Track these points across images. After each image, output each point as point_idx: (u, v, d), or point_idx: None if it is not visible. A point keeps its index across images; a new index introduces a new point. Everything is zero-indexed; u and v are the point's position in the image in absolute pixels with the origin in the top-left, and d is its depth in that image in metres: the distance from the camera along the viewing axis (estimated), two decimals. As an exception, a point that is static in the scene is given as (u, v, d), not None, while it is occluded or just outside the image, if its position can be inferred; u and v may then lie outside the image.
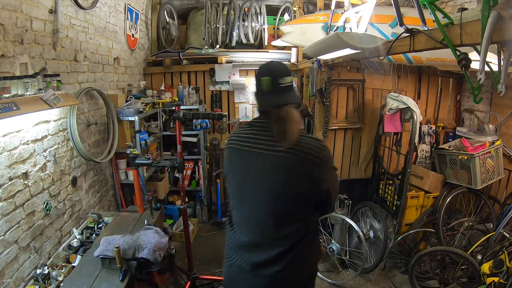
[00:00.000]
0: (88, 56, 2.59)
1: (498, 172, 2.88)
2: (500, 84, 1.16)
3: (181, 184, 2.51)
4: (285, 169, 1.21)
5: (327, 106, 3.05)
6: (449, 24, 1.32)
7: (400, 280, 2.87)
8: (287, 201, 1.24)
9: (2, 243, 1.66)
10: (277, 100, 1.25)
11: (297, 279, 1.32)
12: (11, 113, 1.52)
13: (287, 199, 1.24)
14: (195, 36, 4.48)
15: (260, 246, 1.28)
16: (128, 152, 2.39)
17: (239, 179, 1.32)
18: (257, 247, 1.28)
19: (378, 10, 2.41)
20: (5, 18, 1.68)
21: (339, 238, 3.01)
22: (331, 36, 2.02)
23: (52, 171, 2.10)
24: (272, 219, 1.26)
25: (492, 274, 2.06)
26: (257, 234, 1.28)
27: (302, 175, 1.21)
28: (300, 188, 1.22)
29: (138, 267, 1.79)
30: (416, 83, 3.48)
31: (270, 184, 1.23)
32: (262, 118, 1.31)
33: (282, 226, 1.26)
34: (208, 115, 2.53)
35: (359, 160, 3.45)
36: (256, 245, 1.28)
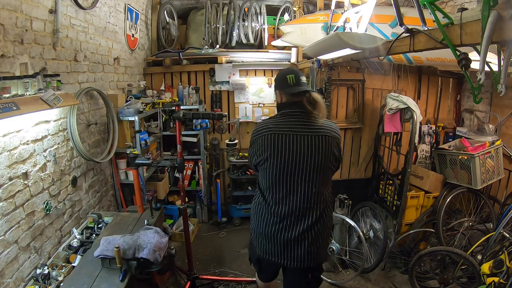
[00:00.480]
0: (88, 56, 2.59)
1: (498, 172, 2.88)
2: (500, 84, 1.16)
3: (181, 184, 2.51)
4: (322, 145, 1.61)
5: (327, 106, 3.04)
6: (449, 24, 1.32)
7: (400, 280, 2.87)
8: (325, 170, 1.65)
9: (2, 243, 1.66)
10: (305, 88, 1.65)
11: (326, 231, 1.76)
12: (11, 113, 1.52)
13: (325, 169, 1.65)
14: (195, 36, 4.48)
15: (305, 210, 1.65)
16: (128, 152, 2.40)
17: (286, 159, 1.60)
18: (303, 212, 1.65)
19: (378, 10, 2.41)
20: (5, 18, 1.68)
21: (339, 238, 3.01)
22: (331, 36, 2.02)
23: (52, 171, 2.10)
24: (315, 187, 1.64)
25: (492, 274, 2.06)
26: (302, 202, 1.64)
27: (332, 148, 1.64)
28: (332, 158, 1.65)
29: (138, 267, 1.79)
30: (416, 83, 3.48)
31: (313, 159, 1.60)
32: (292, 108, 1.66)
33: (321, 191, 1.67)
34: (208, 115, 2.53)
35: (359, 160, 3.45)
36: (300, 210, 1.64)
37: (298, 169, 1.61)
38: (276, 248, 1.71)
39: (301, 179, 1.62)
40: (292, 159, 1.60)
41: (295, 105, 1.65)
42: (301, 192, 1.63)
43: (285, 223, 1.66)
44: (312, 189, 1.63)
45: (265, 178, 1.69)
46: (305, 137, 1.60)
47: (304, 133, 1.60)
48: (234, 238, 3.62)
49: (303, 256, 1.68)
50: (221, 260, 3.20)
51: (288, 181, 1.63)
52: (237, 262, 3.19)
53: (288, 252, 1.69)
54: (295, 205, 1.64)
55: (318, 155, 1.61)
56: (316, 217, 1.66)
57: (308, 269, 1.76)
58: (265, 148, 1.63)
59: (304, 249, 1.67)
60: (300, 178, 1.62)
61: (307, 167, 1.61)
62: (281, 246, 1.69)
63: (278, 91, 1.73)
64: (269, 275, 2.04)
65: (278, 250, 1.71)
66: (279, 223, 1.67)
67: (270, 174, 1.65)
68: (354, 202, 3.10)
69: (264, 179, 1.69)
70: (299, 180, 1.62)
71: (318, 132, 1.61)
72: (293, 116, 1.64)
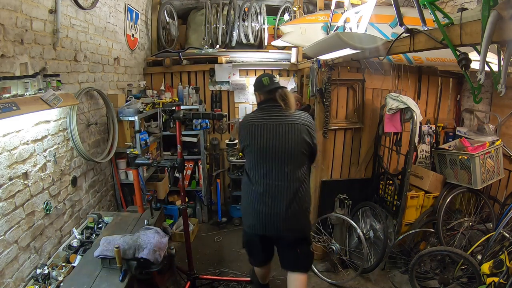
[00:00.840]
0: (88, 56, 2.59)
1: (498, 172, 2.88)
2: (500, 84, 1.16)
3: (181, 184, 2.51)
4: (292, 132, 1.94)
5: (327, 106, 3.05)
6: (449, 24, 1.32)
7: (400, 280, 2.87)
8: (297, 153, 1.96)
9: (2, 243, 1.66)
10: (277, 85, 2.03)
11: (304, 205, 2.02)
12: (11, 113, 1.52)
13: (297, 152, 1.96)
14: (195, 36, 4.48)
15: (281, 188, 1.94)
16: (128, 152, 2.40)
17: (262, 144, 1.94)
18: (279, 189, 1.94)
19: (378, 10, 2.41)
20: (5, 18, 1.68)
21: (339, 238, 3.01)
22: (331, 36, 2.02)
23: (52, 171, 2.11)
24: (290, 168, 1.95)
25: (492, 274, 2.06)
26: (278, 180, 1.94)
27: (302, 134, 1.95)
28: (304, 143, 1.97)
29: (138, 267, 1.79)
30: (416, 83, 3.48)
31: (285, 143, 1.93)
32: (267, 103, 2.02)
33: (295, 171, 1.96)
34: (208, 115, 2.53)
35: (359, 160, 3.45)
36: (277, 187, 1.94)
37: (273, 152, 1.94)
38: (259, 221, 2.00)
39: (276, 160, 1.95)
40: (267, 144, 1.94)
41: (270, 101, 2.02)
42: (276, 171, 1.95)
43: (264, 199, 1.97)
44: (285, 169, 1.95)
45: (248, 160, 2.06)
46: (278, 125, 1.95)
47: (277, 122, 1.95)
48: (234, 238, 3.61)
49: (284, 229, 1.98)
50: (221, 260, 3.20)
51: (265, 162, 1.96)
52: (237, 262, 3.19)
53: (269, 224, 1.98)
54: (272, 183, 1.96)
55: (290, 140, 1.94)
56: (292, 193, 1.96)
57: (294, 242, 2.07)
58: (247, 136, 2.00)
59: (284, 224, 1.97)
60: (275, 159, 1.95)
61: (280, 151, 1.94)
62: (263, 219, 1.98)
63: (256, 92, 2.14)
64: (258, 256, 2.24)
65: (261, 223, 2.00)
66: (260, 199, 1.97)
67: (251, 157, 2.01)
68: (354, 202, 3.10)
69: (248, 161, 2.06)
70: (274, 161, 1.95)
71: (289, 121, 1.96)
72: (268, 109, 2.01)
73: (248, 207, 2.05)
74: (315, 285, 2.89)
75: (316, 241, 3.20)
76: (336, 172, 3.43)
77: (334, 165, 3.40)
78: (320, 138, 3.18)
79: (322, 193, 3.30)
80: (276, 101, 1.99)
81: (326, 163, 3.33)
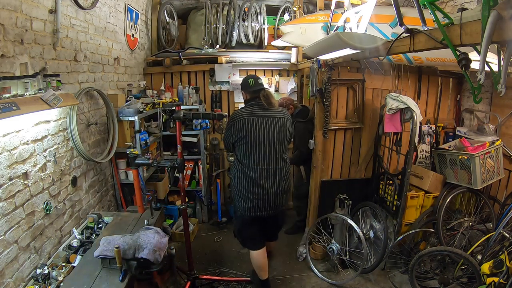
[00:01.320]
0: (88, 56, 2.59)
1: (498, 172, 2.88)
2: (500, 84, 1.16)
3: (181, 184, 2.51)
4: (279, 124, 2.36)
5: (327, 106, 3.05)
6: (449, 24, 1.32)
7: (400, 280, 2.87)
8: (283, 141, 2.40)
9: (2, 243, 1.66)
10: (261, 87, 2.40)
11: (289, 186, 2.51)
12: (11, 113, 1.52)
13: (283, 140, 2.40)
14: (195, 36, 4.48)
15: (273, 170, 2.36)
16: (128, 152, 2.39)
17: (256, 135, 2.29)
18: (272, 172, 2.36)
19: (378, 10, 2.41)
20: (5, 18, 1.68)
21: (339, 238, 3.01)
22: (331, 36, 2.02)
23: (52, 171, 2.11)
24: (278, 153, 2.37)
25: (492, 274, 2.06)
26: (270, 164, 2.35)
27: (287, 125, 2.42)
28: (288, 133, 2.43)
29: (138, 267, 1.79)
30: (416, 83, 3.48)
31: (274, 133, 2.33)
32: (254, 101, 2.39)
33: (283, 156, 2.41)
34: (208, 115, 2.54)
35: (359, 160, 3.45)
36: (270, 170, 2.35)
37: (265, 141, 2.31)
38: (258, 202, 2.35)
39: (268, 148, 2.32)
40: (260, 134, 2.30)
41: (256, 99, 2.38)
42: (269, 157, 2.34)
43: (261, 182, 2.33)
44: (276, 154, 2.36)
45: (242, 150, 2.34)
46: (268, 118, 2.33)
47: (265, 116, 2.33)
48: (234, 238, 3.61)
49: (277, 206, 2.43)
50: (221, 260, 3.20)
51: (259, 150, 2.32)
52: (237, 262, 3.20)
53: (267, 203, 2.37)
54: (266, 167, 2.34)
55: (277, 131, 2.34)
56: (282, 174, 2.40)
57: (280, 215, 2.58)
58: (241, 129, 2.29)
59: (277, 200, 2.41)
60: (267, 147, 2.32)
61: (271, 139, 2.32)
62: (261, 200, 2.35)
63: (243, 91, 2.49)
64: (256, 238, 2.54)
65: (259, 204, 2.36)
66: (257, 183, 2.33)
67: (246, 147, 2.31)
68: (354, 202, 3.10)
69: (242, 151, 2.35)
70: (267, 148, 2.32)
71: (274, 115, 2.36)
72: (256, 106, 2.36)
73: (245, 192, 2.37)
74: (315, 285, 2.89)
75: (316, 241, 3.20)
76: (336, 172, 3.43)
77: (334, 165, 3.40)
78: (320, 138, 3.18)
79: (322, 193, 3.30)
80: (261, 99, 2.36)
81: (326, 163, 3.33)
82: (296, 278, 2.97)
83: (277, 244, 3.49)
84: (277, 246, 3.48)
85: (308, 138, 3.28)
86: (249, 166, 2.33)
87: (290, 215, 3.66)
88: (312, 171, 3.30)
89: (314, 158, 3.24)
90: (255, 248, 2.52)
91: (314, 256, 3.19)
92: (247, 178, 2.35)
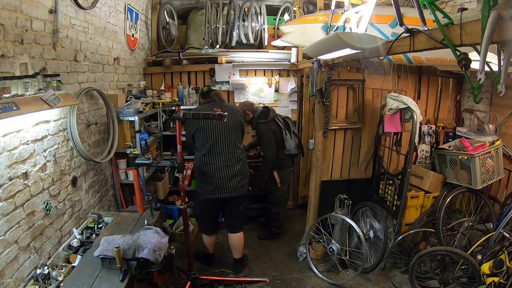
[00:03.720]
0: (88, 56, 2.59)
1: (498, 172, 2.88)
2: (500, 84, 1.16)
3: (181, 184, 2.51)
4: (233, 115, 2.77)
5: (327, 106, 3.05)
6: (449, 24, 1.33)
7: (400, 280, 2.88)
8: (236, 129, 2.80)
9: (2, 243, 1.66)
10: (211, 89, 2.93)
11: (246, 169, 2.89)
12: (11, 113, 1.52)
13: (236, 128, 2.80)
14: (195, 36, 4.48)
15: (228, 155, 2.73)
16: (128, 152, 2.39)
17: (208, 125, 2.70)
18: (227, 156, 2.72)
19: (378, 10, 2.41)
20: (5, 18, 1.68)
21: (339, 238, 3.01)
22: (331, 36, 2.02)
23: (52, 171, 2.10)
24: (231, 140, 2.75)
25: (492, 274, 2.06)
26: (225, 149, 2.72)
27: (237, 117, 2.83)
28: (239, 122, 2.85)
29: (138, 267, 1.79)
30: (416, 83, 3.48)
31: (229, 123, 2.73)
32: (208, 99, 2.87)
33: (236, 143, 2.79)
34: (208, 115, 2.53)
35: (359, 160, 3.45)
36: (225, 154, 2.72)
37: (220, 130, 2.71)
38: (219, 185, 2.69)
39: (223, 136, 2.71)
40: (212, 124, 2.69)
41: (208, 98, 2.87)
42: (224, 144, 2.72)
43: (219, 166, 2.69)
44: (229, 140, 2.73)
45: (200, 139, 2.72)
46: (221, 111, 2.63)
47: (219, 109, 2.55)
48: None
49: (235, 187, 2.73)
50: (221, 260, 3.20)
51: (215, 138, 2.70)
52: (237, 262, 3.19)
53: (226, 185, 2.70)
54: (223, 153, 2.71)
55: (230, 121, 2.72)
56: (237, 158, 2.76)
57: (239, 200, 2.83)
58: (197, 122, 2.69)
59: (235, 182, 2.73)
60: (222, 135, 2.71)
61: (225, 129, 2.72)
62: (221, 183, 2.69)
63: (200, 98, 3.05)
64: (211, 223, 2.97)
65: (219, 187, 2.69)
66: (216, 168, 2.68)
67: (203, 137, 2.71)
68: (354, 202, 3.10)
69: (199, 140, 2.73)
70: (222, 137, 2.71)
71: (225, 108, 2.65)
72: (209, 103, 2.81)
73: (206, 177, 2.71)
74: (315, 285, 2.89)
75: (316, 241, 3.20)
76: (336, 172, 3.43)
77: (334, 165, 3.40)
78: (320, 138, 3.18)
79: (322, 193, 3.30)
80: (213, 97, 2.84)
81: (326, 163, 3.33)
82: (296, 278, 2.97)
83: (277, 244, 3.51)
84: (277, 246, 3.49)
85: (273, 138, 3.25)
86: (206, 152, 2.69)
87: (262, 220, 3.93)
88: (312, 171, 3.30)
89: (314, 158, 3.24)
90: (208, 233, 2.99)
91: (314, 256, 3.19)
92: (207, 165, 2.69)
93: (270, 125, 3.31)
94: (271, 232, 3.65)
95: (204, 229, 3.00)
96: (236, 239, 2.96)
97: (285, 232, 3.72)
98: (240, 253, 3.03)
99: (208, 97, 2.86)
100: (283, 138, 3.37)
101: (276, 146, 3.30)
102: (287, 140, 3.38)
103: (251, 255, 3.28)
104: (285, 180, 3.51)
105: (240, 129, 2.86)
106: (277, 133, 3.33)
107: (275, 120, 3.38)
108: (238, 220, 2.93)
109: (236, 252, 3.01)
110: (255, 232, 3.72)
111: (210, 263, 3.11)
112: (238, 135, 2.82)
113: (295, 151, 3.45)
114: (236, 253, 3.02)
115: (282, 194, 3.52)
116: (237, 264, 3.05)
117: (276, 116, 3.42)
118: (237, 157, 2.75)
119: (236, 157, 2.75)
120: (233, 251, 3.02)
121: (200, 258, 3.15)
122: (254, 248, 3.43)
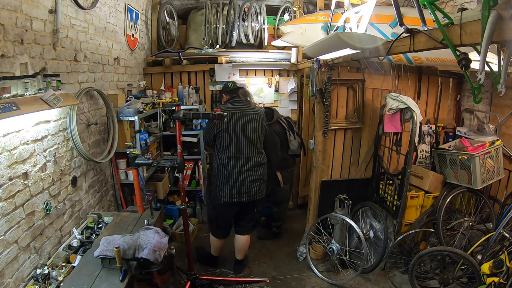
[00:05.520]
0: (88, 56, 2.59)
1: (498, 172, 2.88)
2: (500, 84, 1.16)
3: (181, 184, 2.51)
4: (255, 118, 2.68)
5: (327, 106, 3.05)
6: (449, 24, 1.33)
7: (400, 280, 2.87)
8: (259, 134, 2.70)
9: (2, 243, 1.66)
10: (238, 86, 2.80)
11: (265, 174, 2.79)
12: (11, 113, 1.52)
13: (259, 133, 2.70)
14: (195, 36, 4.48)
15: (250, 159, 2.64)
16: (128, 152, 2.39)
17: (235, 127, 2.58)
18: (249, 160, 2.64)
19: (378, 10, 2.41)
20: (5, 18, 1.68)
21: (339, 238, 3.01)
22: (331, 36, 2.02)
23: (52, 171, 2.10)
24: (255, 145, 2.67)
25: (492, 274, 2.06)
26: (248, 154, 2.63)
27: (262, 121, 2.74)
28: (264, 127, 2.77)
29: (138, 267, 1.79)
30: (416, 83, 3.48)
31: (251, 126, 2.64)
32: (235, 98, 2.73)
33: (258, 148, 2.71)
34: (208, 115, 2.53)
35: (359, 160, 3.45)
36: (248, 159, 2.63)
37: (245, 133, 2.60)
38: (240, 188, 2.61)
39: (247, 139, 2.61)
40: (239, 127, 2.58)
41: (235, 97, 2.73)
42: (246, 147, 2.62)
43: (242, 170, 2.60)
44: (253, 145, 2.65)
45: (224, 141, 2.60)
46: (244, 113, 2.63)
47: (244, 111, 2.63)
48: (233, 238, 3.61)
49: (256, 191, 2.67)
50: (221, 260, 3.20)
51: (239, 141, 2.59)
52: (237, 262, 3.19)
53: (248, 188, 2.63)
54: (246, 156, 2.62)
55: (254, 124, 2.65)
56: (257, 163, 2.67)
57: (256, 203, 2.77)
58: (222, 122, 2.46)
59: (256, 186, 2.67)
60: (246, 138, 2.61)
61: (250, 131, 2.62)
62: (242, 186, 2.61)
63: (223, 94, 2.89)
64: (225, 228, 2.87)
65: (240, 190, 2.61)
66: (238, 171, 2.59)
67: (227, 138, 2.59)
68: (354, 202, 3.10)
69: (224, 142, 2.60)
70: (246, 139, 2.61)
71: (252, 111, 2.68)
72: (236, 103, 2.69)
73: (227, 180, 2.61)
74: (315, 285, 2.89)
75: (316, 241, 3.20)
76: (336, 172, 3.43)
77: (334, 165, 3.40)
78: (320, 138, 3.18)
79: (322, 193, 3.30)
80: (240, 97, 2.72)
81: (326, 163, 3.33)
82: (296, 278, 2.97)
83: (277, 244, 3.51)
84: (277, 246, 3.49)
85: (277, 140, 3.22)
86: (231, 155, 2.59)
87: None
88: (312, 171, 3.30)
89: (314, 158, 3.24)
90: (221, 237, 2.89)
91: (314, 256, 3.19)
92: (229, 167, 2.60)
93: (274, 127, 3.30)
94: (272, 232, 3.65)
95: (217, 233, 2.90)
96: (243, 241, 2.93)
97: (285, 232, 3.72)
98: (243, 254, 3.02)
99: (235, 96, 2.73)
100: (287, 138, 3.36)
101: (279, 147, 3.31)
102: (291, 141, 3.38)
103: (251, 255, 3.28)
104: (287, 179, 3.51)
105: (264, 133, 2.76)
106: (281, 134, 3.33)
107: (279, 121, 3.37)
108: (251, 222, 2.88)
109: (240, 253, 2.99)
110: (255, 232, 3.71)
111: (213, 266, 3.06)
112: (262, 140, 2.74)
113: (298, 151, 3.48)
114: (239, 254, 2.99)
115: (284, 194, 3.52)
116: (238, 265, 3.02)
117: (280, 117, 3.41)
118: (260, 162, 2.69)
119: (259, 161, 2.68)
120: (237, 252, 2.99)
121: (202, 258, 3.10)
122: (254, 248, 3.43)
